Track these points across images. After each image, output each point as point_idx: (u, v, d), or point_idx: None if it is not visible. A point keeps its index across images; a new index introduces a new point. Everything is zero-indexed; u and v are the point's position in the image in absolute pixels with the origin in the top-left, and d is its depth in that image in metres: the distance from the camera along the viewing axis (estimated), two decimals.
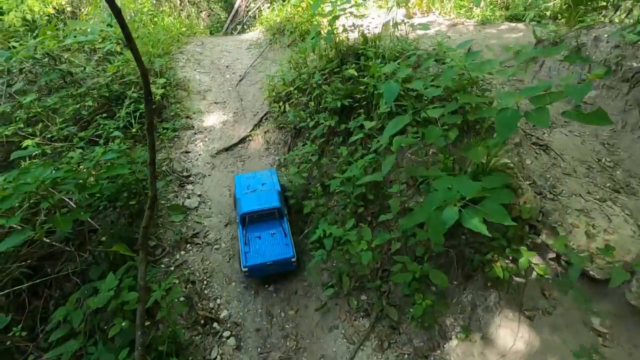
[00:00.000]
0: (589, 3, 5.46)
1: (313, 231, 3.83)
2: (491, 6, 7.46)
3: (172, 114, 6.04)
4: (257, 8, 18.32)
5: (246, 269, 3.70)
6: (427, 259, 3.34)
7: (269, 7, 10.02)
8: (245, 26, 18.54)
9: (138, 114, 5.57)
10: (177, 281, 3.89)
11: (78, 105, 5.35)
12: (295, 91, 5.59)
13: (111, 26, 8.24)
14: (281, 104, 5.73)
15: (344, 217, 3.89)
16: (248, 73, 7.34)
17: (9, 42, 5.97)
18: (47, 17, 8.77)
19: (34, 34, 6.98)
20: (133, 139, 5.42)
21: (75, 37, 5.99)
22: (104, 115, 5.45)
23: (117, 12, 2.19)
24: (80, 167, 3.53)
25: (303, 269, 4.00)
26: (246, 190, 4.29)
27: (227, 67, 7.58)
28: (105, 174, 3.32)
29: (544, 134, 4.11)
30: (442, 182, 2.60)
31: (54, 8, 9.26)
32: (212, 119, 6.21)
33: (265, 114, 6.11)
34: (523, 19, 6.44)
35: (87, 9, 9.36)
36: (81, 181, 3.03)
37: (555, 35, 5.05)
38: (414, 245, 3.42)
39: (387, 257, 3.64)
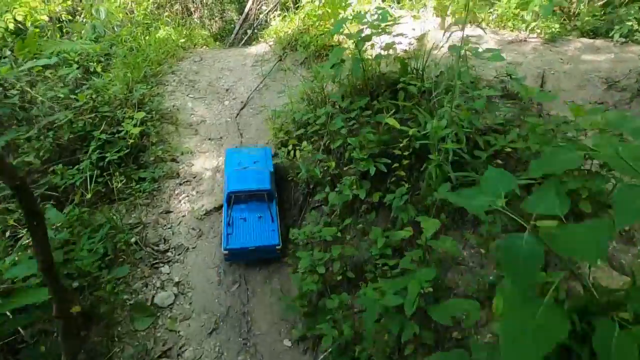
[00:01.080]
0: None
1: None
2: (554, 17, 5.96)
3: (153, 157, 4.76)
4: (269, 11, 17.12)
5: (226, 252, 3.48)
6: None
7: (279, 16, 8.66)
8: (255, 31, 17.36)
9: (110, 158, 4.34)
10: None
11: (27, 152, 4.12)
12: (310, 134, 4.24)
13: (95, 41, 7.07)
14: (290, 148, 4.38)
15: None
16: (252, 99, 6.02)
17: None
18: (38, 27, 7.69)
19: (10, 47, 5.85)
20: (98, 195, 4.17)
21: (36, 59, 4.77)
22: (63, 163, 4.22)
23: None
24: None
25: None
26: (236, 167, 4.01)
27: (226, 90, 6.28)
28: (3, 307, 2.04)
29: None
30: None
31: (49, 16, 8.17)
32: (204, 163, 4.90)
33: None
34: (610, 35, 4.93)
35: (82, 16, 8.20)
36: None
37: None
38: None
39: None
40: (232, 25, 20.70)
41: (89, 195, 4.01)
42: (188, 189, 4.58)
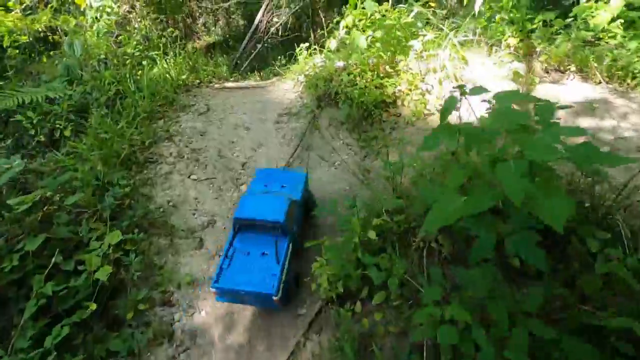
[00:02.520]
0: None
1: None
2: None
3: (133, 303, 3.01)
4: (280, 24, 15.49)
5: (214, 290, 2.82)
6: None
7: (307, 50, 6.90)
8: (266, 44, 15.78)
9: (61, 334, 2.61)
10: None
11: None
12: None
13: (71, 83, 5.34)
14: (349, 305, 2.65)
15: None
16: None
17: None
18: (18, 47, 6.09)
19: None
20: None
21: None
22: None
23: None
24: None
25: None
26: (262, 189, 3.40)
27: (243, 165, 4.53)
28: None
29: None
30: None
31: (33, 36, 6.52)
32: (213, 307, 3.16)
33: (318, 311, 3.00)
34: None
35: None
36: None
37: None
38: None
39: None
40: (239, 30, 19.17)
41: None
42: None
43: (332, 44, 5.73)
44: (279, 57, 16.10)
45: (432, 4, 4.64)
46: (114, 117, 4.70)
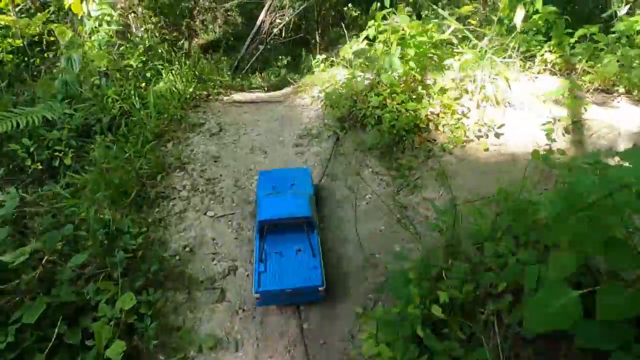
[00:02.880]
0: None
1: None
2: None
3: None
4: (284, 25, 15.04)
5: (258, 295, 2.82)
6: None
7: (324, 61, 6.45)
8: (268, 46, 15.35)
9: None
10: None
11: None
12: None
13: (70, 100, 4.87)
14: None
15: None
16: None
17: None
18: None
19: None
20: None
21: None
22: None
23: None
24: None
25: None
26: (270, 190, 3.44)
27: None
28: None
29: None
30: None
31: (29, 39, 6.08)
32: None
33: None
34: None
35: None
36: None
37: None
38: None
39: None
40: (238, 28, 18.71)
41: None
42: None
43: (349, 50, 5.29)
44: (280, 57, 15.64)
45: (473, 22, 4.21)
46: (120, 143, 4.24)
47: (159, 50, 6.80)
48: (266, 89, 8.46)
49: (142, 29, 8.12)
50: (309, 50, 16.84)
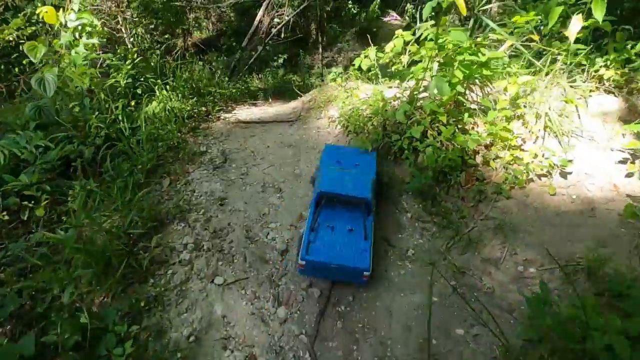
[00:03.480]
0: None
1: None
2: None
3: None
4: (282, 25, 14.26)
5: (303, 263, 2.79)
6: None
7: (340, 76, 5.68)
8: (267, 47, 14.61)
9: None
10: None
11: None
12: None
13: (45, 129, 4.10)
14: None
15: None
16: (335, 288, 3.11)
17: None
18: None
19: None
20: None
21: None
22: None
23: None
24: None
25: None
26: (335, 165, 3.50)
27: (282, 253, 3.33)
28: None
29: None
30: None
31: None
32: None
33: None
34: None
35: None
36: None
37: None
38: None
39: None
40: (232, 26, 18.05)
41: None
42: None
43: (367, 62, 4.54)
44: (276, 57, 14.77)
45: (535, 37, 3.47)
46: (105, 188, 3.47)
47: (151, 63, 5.98)
48: (270, 99, 7.66)
49: (132, 33, 7.28)
50: (308, 49, 16.04)
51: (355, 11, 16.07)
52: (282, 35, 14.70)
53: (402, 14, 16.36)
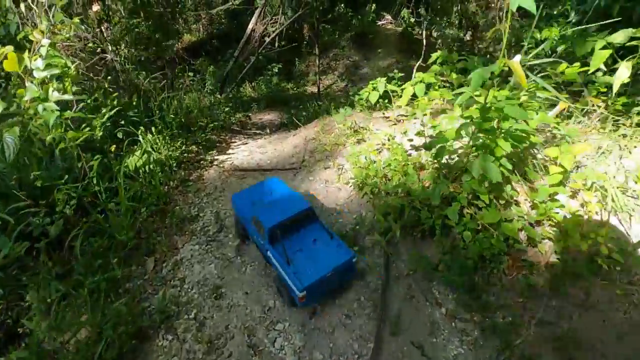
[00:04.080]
0: None
1: None
2: None
3: None
4: (276, 34, 13.60)
5: (303, 293, 2.75)
6: None
7: (354, 136, 5.00)
8: (260, 57, 13.97)
9: None
10: None
11: None
12: None
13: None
14: None
15: None
16: None
17: None
18: None
19: None
20: None
21: None
22: None
23: None
24: None
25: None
26: (251, 206, 3.40)
27: None
28: None
29: None
30: None
31: None
32: None
33: None
34: None
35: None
36: None
37: None
38: None
39: None
40: (222, 27, 17.47)
41: None
42: None
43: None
44: (270, 65, 14.11)
45: (597, 101, 2.88)
46: (72, 291, 2.80)
47: (133, 101, 5.27)
48: (269, 130, 7.03)
49: (117, 52, 6.53)
50: (302, 55, 15.36)
51: (348, 15, 15.37)
52: (276, 44, 14.01)
53: (397, 16, 15.75)
